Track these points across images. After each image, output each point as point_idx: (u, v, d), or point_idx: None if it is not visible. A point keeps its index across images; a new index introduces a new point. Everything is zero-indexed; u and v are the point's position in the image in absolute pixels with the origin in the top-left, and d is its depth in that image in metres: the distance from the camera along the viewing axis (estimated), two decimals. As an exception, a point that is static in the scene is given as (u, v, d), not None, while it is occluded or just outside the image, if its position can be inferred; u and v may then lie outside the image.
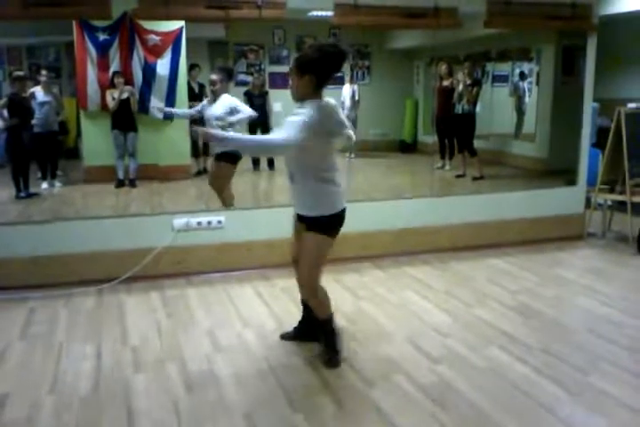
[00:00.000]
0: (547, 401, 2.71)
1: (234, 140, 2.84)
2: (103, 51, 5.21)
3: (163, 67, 5.39)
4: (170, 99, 5.48)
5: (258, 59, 6.78)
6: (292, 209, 3.06)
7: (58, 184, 5.66)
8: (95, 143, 5.53)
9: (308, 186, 2.88)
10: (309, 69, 2.76)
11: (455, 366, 3.05)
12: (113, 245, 4.31)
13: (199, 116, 4.99)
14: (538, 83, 6.85)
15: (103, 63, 5.27)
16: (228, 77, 4.94)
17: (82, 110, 5.47)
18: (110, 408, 2.67)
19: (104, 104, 5.35)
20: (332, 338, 3.10)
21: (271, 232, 4.49)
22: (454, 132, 6.56)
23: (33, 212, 5.29)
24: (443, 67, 6.50)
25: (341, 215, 2.95)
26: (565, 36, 6.08)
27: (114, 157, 5.46)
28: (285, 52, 6.82)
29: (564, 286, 4.33)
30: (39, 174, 5.63)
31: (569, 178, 5.51)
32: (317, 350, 3.17)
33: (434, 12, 4.64)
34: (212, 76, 4.91)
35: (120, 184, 5.49)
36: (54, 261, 4.19)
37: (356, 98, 6.80)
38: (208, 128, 4.89)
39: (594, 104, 5.58)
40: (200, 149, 5.82)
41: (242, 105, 4.98)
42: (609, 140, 5.26)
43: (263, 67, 6.79)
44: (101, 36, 5.15)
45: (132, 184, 5.53)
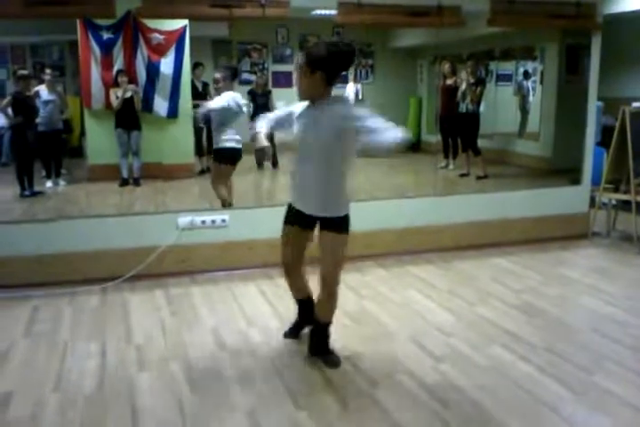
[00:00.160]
0: (550, 400, 2.70)
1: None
2: (107, 49, 5.22)
3: (166, 65, 5.40)
4: (173, 97, 5.49)
5: (261, 57, 6.79)
6: (292, 209, 3.04)
7: (62, 183, 5.68)
8: (99, 142, 5.55)
9: (332, 183, 2.85)
10: (320, 66, 2.70)
11: (458, 364, 3.05)
12: (117, 243, 4.31)
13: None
14: (542, 82, 6.83)
15: (107, 62, 5.27)
16: (232, 76, 4.93)
17: (86, 109, 5.49)
18: (114, 407, 2.67)
19: (108, 103, 5.37)
20: (327, 340, 3.10)
21: (274, 231, 4.46)
22: (458, 131, 6.55)
23: (37, 210, 5.31)
24: (446, 65, 6.49)
25: None
26: (569, 35, 6.06)
27: (118, 155, 5.46)
28: (289, 51, 6.83)
29: (567, 285, 4.32)
30: (43, 173, 5.65)
31: (573, 177, 5.49)
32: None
33: (437, 10, 4.63)
34: (216, 75, 4.92)
35: (124, 183, 5.50)
36: (58, 259, 4.19)
37: (360, 97, 6.80)
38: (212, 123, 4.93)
39: (598, 103, 5.57)
40: (204, 148, 5.82)
41: (242, 100, 4.95)
42: (613, 139, 5.25)
43: (266, 66, 6.80)
44: (105, 35, 5.15)
45: (136, 183, 5.54)
